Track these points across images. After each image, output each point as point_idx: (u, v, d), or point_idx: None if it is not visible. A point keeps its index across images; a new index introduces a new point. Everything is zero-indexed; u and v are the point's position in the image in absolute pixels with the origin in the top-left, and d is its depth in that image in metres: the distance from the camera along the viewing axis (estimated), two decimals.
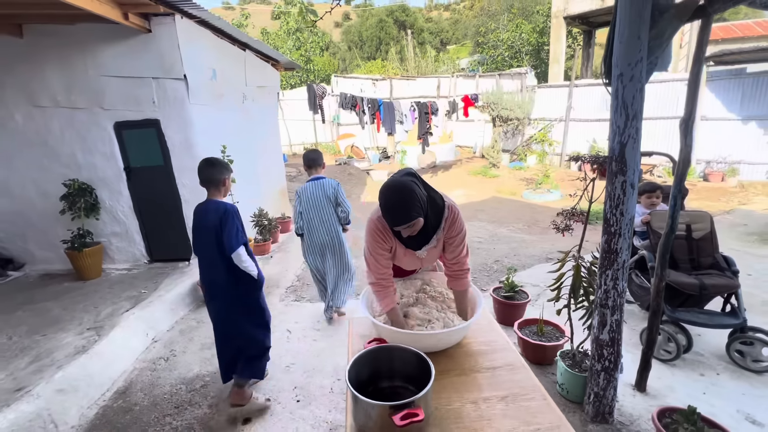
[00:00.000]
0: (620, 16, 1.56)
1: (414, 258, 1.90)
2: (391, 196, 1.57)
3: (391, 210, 1.57)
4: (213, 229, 2.25)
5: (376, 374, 1.54)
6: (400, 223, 1.56)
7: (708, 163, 8.72)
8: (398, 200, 1.55)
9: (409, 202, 1.55)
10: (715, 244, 2.79)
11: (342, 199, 3.33)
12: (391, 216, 1.57)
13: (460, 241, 1.81)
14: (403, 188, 1.56)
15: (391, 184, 1.59)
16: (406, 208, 1.54)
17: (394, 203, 1.56)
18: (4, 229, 4.52)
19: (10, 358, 2.79)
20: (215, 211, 2.28)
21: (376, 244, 1.77)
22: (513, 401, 1.51)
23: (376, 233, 1.76)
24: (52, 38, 3.90)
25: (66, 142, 4.21)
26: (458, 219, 1.78)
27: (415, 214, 1.56)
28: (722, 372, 2.51)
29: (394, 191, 1.56)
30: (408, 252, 1.86)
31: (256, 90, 5.86)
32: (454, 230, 1.78)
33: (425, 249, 1.82)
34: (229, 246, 2.23)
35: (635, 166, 1.68)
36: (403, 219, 1.55)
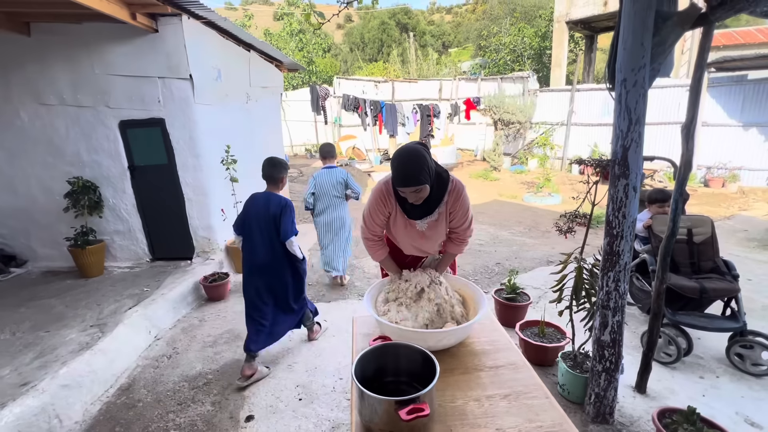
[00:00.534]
0: (624, 24, 1.59)
1: (414, 232, 1.97)
2: (403, 158, 1.67)
3: (402, 170, 1.67)
4: (273, 217, 2.64)
5: (382, 371, 1.56)
6: (409, 184, 1.66)
7: (709, 169, 8.76)
8: (410, 162, 1.65)
9: (419, 165, 1.65)
10: (715, 249, 2.82)
11: (351, 183, 4.04)
12: (401, 176, 1.67)
13: (463, 214, 1.91)
14: (416, 153, 1.67)
15: (405, 148, 1.71)
16: (416, 171, 1.65)
17: (405, 165, 1.66)
18: (8, 225, 4.54)
19: (14, 353, 2.81)
20: (277, 204, 2.67)
21: (376, 206, 1.91)
22: (516, 399, 1.53)
23: (379, 196, 1.89)
24: (59, 37, 3.93)
25: (71, 140, 4.24)
26: (462, 194, 1.88)
27: (423, 179, 1.66)
28: (722, 375, 2.53)
29: (407, 154, 1.67)
30: (408, 224, 1.94)
31: (260, 90, 5.89)
32: (457, 205, 1.88)
33: (426, 220, 1.91)
34: (285, 233, 2.65)
35: (638, 170, 1.71)
36: (413, 180, 1.65)
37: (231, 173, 4.49)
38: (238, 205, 4.69)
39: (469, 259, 4.97)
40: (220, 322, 3.62)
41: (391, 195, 1.88)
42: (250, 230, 2.71)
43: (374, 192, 1.93)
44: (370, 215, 1.96)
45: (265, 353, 3.13)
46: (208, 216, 4.50)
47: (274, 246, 2.68)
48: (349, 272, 4.74)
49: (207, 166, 4.38)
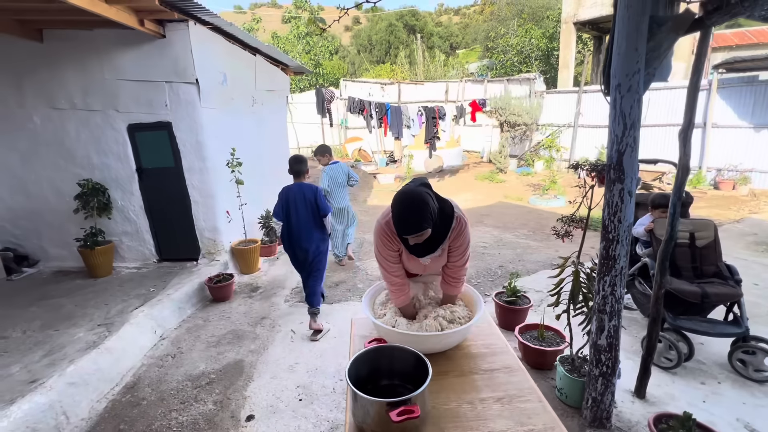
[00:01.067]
0: (618, 29, 1.59)
1: (418, 264, 1.95)
2: (404, 205, 1.61)
3: (402, 219, 1.61)
4: (310, 201, 3.30)
5: (376, 373, 1.58)
6: (410, 233, 1.60)
7: (719, 171, 8.62)
8: (411, 210, 1.59)
9: (421, 213, 1.59)
10: (718, 253, 2.79)
11: (352, 174, 4.84)
12: (402, 225, 1.61)
13: (462, 251, 1.86)
14: (418, 199, 1.60)
15: (406, 193, 1.63)
16: (417, 219, 1.58)
17: (406, 213, 1.60)
18: (21, 226, 4.66)
19: (24, 351, 2.89)
20: (310, 190, 3.32)
21: (384, 247, 1.85)
22: (509, 402, 1.54)
23: (383, 236, 1.83)
24: (71, 43, 4.04)
25: (81, 143, 4.35)
26: (464, 231, 1.82)
27: (425, 225, 1.60)
28: (723, 381, 2.50)
29: (408, 201, 1.61)
30: (411, 258, 1.90)
31: (266, 94, 5.97)
32: (458, 241, 1.83)
33: (429, 257, 1.86)
34: (324, 209, 3.35)
35: (633, 174, 1.71)
36: (414, 229, 1.59)
37: (236, 175, 4.56)
38: (243, 207, 4.76)
39: (472, 262, 4.97)
40: (224, 323, 3.68)
41: (394, 233, 1.80)
42: (289, 213, 3.31)
43: (378, 235, 1.86)
44: (383, 258, 1.88)
45: (268, 355, 3.18)
46: (213, 218, 4.57)
47: (311, 225, 3.34)
48: (352, 274, 4.77)
49: (213, 169, 4.45)
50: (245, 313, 3.86)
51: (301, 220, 3.29)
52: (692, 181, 8.65)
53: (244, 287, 4.48)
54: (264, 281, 4.65)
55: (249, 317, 3.78)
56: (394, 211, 1.64)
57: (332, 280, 4.60)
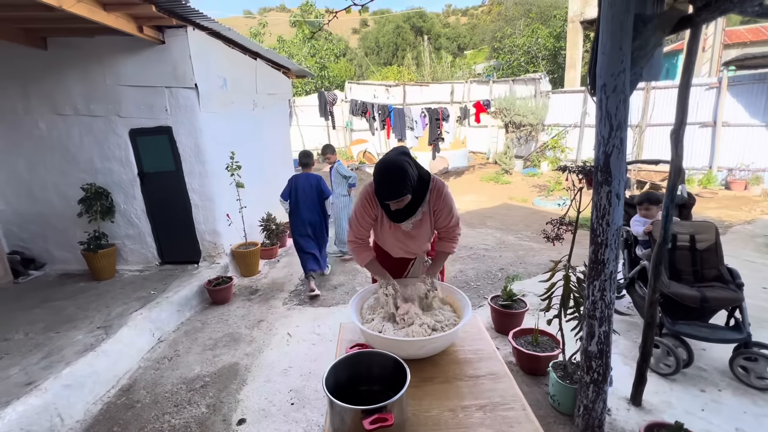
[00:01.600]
0: (602, 28, 1.56)
1: (400, 233, 2.01)
2: (384, 173, 1.72)
3: (383, 186, 1.72)
4: (314, 186, 4.28)
5: (356, 379, 1.57)
6: (390, 198, 1.72)
7: (730, 171, 8.40)
8: (390, 177, 1.71)
9: (400, 179, 1.70)
10: (719, 256, 2.71)
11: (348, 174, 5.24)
12: (382, 191, 1.73)
13: (447, 212, 1.95)
14: (397, 166, 1.71)
15: (386, 162, 1.74)
16: (397, 185, 1.69)
17: (386, 179, 1.71)
18: (28, 230, 4.77)
19: (24, 353, 2.95)
20: (315, 178, 4.31)
21: (363, 209, 1.96)
22: (492, 410, 1.51)
23: (365, 199, 1.94)
24: (74, 50, 4.13)
25: (85, 148, 4.43)
26: (444, 192, 1.92)
27: (405, 191, 1.71)
28: (724, 388, 2.42)
29: (388, 169, 1.72)
30: (394, 226, 1.98)
31: (267, 97, 6.01)
32: (440, 203, 1.93)
33: (410, 221, 1.95)
34: (327, 193, 4.34)
35: (620, 176, 1.67)
36: (394, 194, 1.70)
37: (236, 179, 4.59)
38: (243, 210, 4.79)
39: (472, 264, 4.92)
40: (221, 326, 3.70)
41: (376, 198, 1.91)
42: (297, 196, 4.25)
43: (360, 195, 1.97)
44: (356, 218, 2.00)
45: (263, 358, 3.18)
46: (214, 221, 4.61)
47: (315, 204, 4.30)
48: (351, 277, 4.77)
49: (213, 173, 4.49)
50: (243, 316, 3.88)
51: (307, 199, 4.25)
52: (702, 182, 8.46)
53: (244, 290, 4.51)
54: (263, 284, 4.67)
55: (246, 320, 3.80)
56: (376, 178, 1.75)
57: (331, 283, 4.60)
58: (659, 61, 1.77)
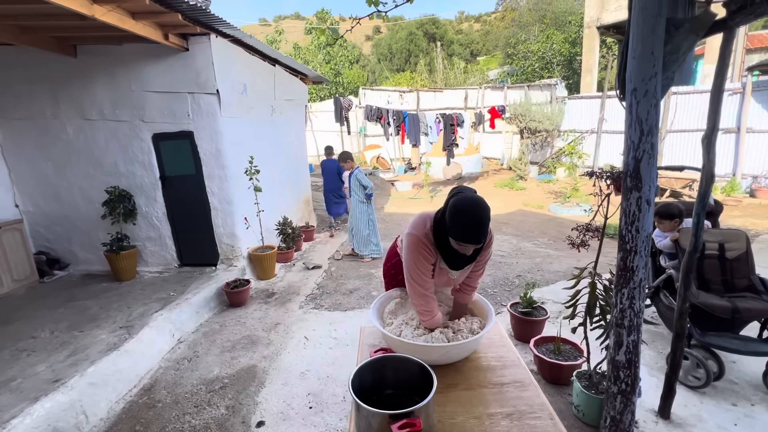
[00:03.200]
0: (633, 32, 1.54)
1: (444, 279, 1.89)
2: (473, 213, 1.55)
3: (470, 227, 1.55)
4: (336, 168, 6.56)
5: (381, 383, 1.56)
6: (476, 242, 1.56)
7: (755, 179, 8.17)
8: (480, 219, 1.55)
9: (487, 223, 1.57)
10: (750, 265, 2.62)
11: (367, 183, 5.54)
12: (469, 234, 1.55)
13: (485, 262, 1.87)
14: (485, 208, 1.57)
15: (474, 202, 1.58)
16: (484, 229, 1.56)
17: (476, 221, 1.55)
18: (54, 231, 4.91)
19: (51, 351, 3.02)
20: (335, 162, 6.53)
21: (423, 261, 1.74)
22: (518, 419, 1.49)
23: (422, 249, 1.73)
24: (102, 57, 4.26)
25: (109, 152, 4.55)
26: (491, 242, 1.83)
27: (486, 235, 1.59)
28: (758, 403, 2.33)
29: (477, 209, 1.56)
30: (441, 272, 1.85)
31: (285, 103, 6.10)
32: (485, 253, 1.83)
33: (461, 271, 1.83)
34: (341, 171, 6.46)
35: (651, 182, 1.64)
36: (480, 238, 1.55)
37: (255, 183, 4.66)
38: (261, 213, 4.85)
39: (489, 271, 4.87)
40: (239, 328, 3.74)
41: (432, 243, 1.74)
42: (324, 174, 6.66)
43: (414, 246, 1.74)
44: (418, 272, 1.75)
45: (281, 361, 3.20)
46: (232, 224, 4.68)
47: (335, 178, 6.62)
48: (366, 282, 4.77)
49: (232, 177, 4.56)
50: (260, 319, 3.91)
51: (329, 176, 6.62)
52: (726, 189, 8.23)
53: (260, 293, 4.55)
54: (280, 287, 4.70)
55: (264, 323, 3.83)
56: (462, 217, 1.56)
57: (346, 287, 4.60)
58: (690, 66, 1.74)
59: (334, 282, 4.80)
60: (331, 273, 5.12)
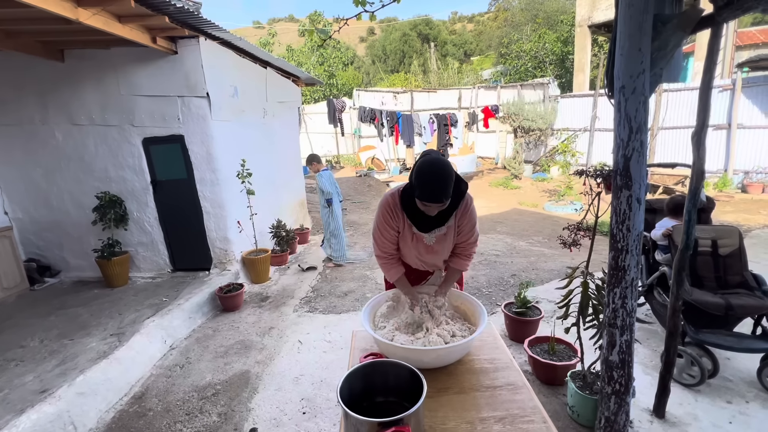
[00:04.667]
0: (620, 29, 1.52)
1: (421, 246, 1.91)
2: (434, 172, 1.57)
3: (430, 185, 1.57)
4: None
5: (371, 389, 1.53)
6: (435, 200, 1.58)
7: (746, 174, 8.22)
8: (441, 177, 1.57)
9: (449, 179, 1.59)
10: (744, 262, 2.62)
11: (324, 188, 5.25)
12: (430, 191, 1.57)
13: (471, 227, 1.87)
14: (446, 166, 1.60)
15: (432, 161, 1.60)
16: (445, 185, 1.57)
17: (435, 179, 1.57)
18: (45, 238, 4.84)
19: (39, 360, 2.97)
20: None
21: (385, 222, 1.84)
22: (511, 423, 1.47)
23: (387, 210, 1.82)
24: (90, 61, 4.21)
25: (99, 157, 4.50)
26: (471, 207, 1.84)
27: (449, 194, 1.59)
28: (752, 400, 2.32)
29: (437, 167, 1.58)
30: (416, 238, 1.88)
31: (277, 105, 6.06)
32: (465, 218, 1.84)
33: (434, 234, 1.86)
34: None
35: (641, 180, 1.62)
36: (440, 196, 1.57)
37: (247, 186, 4.62)
38: (254, 217, 4.81)
39: (483, 271, 4.86)
40: (232, 333, 3.69)
41: (398, 208, 1.81)
42: None
43: (381, 207, 1.85)
44: (380, 232, 1.87)
45: (275, 366, 3.16)
46: (225, 228, 4.64)
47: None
48: (361, 284, 4.74)
49: (224, 180, 4.52)
50: (254, 323, 3.87)
51: None
52: (717, 185, 8.28)
53: (254, 297, 4.51)
54: (274, 291, 4.66)
55: (257, 327, 3.79)
56: (423, 176, 1.59)
57: (341, 290, 4.57)
58: (679, 62, 1.73)
59: (328, 284, 4.77)
60: (325, 275, 5.09)
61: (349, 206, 9.13)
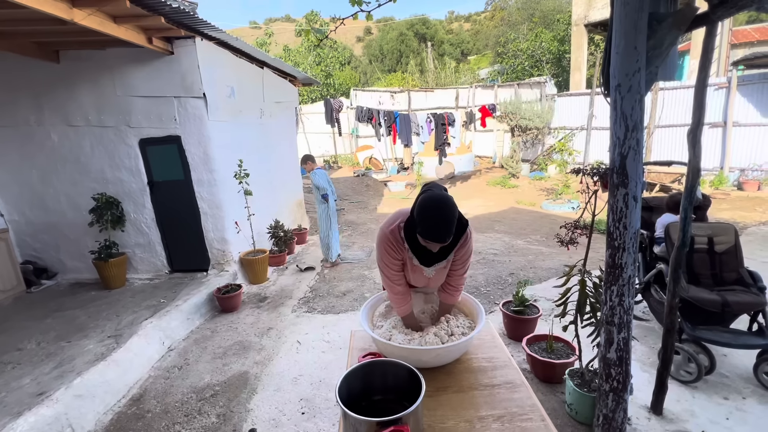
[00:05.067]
0: (616, 27, 1.53)
1: (420, 277, 1.89)
2: (438, 212, 1.53)
3: (435, 226, 1.53)
4: None
5: (370, 389, 1.53)
6: (440, 241, 1.53)
7: (742, 172, 8.27)
8: (444, 217, 1.53)
9: (453, 220, 1.54)
10: (739, 259, 2.63)
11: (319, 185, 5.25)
12: (431, 231, 1.53)
13: (465, 260, 1.83)
14: (450, 206, 1.55)
15: (441, 199, 1.56)
16: (449, 226, 1.53)
17: (441, 219, 1.53)
18: (41, 240, 4.82)
19: (36, 363, 2.95)
20: None
21: (388, 256, 1.78)
22: (509, 421, 1.47)
23: (388, 245, 1.76)
24: (85, 62, 4.19)
25: (96, 158, 4.48)
26: (469, 241, 1.80)
27: (452, 234, 1.55)
28: (749, 396, 2.34)
29: (442, 207, 1.54)
30: (416, 269, 1.85)
31: (274, 105, 6.05)
32: (462, 251, 1.80)
33: (434, 268, 1.82)
34: None
35: (637, 178, 1.63)
36: (444, 236, 1.53)
37: (244, 186, 4.61)
38: (252, 217, 4.80)
39: (481, 270, 4.87)
40: (231, 334, 3.69)
41: (399, 242, 1.76)
42: None
43: (383, 244, 1.78)
44: (387, 267, 1.81)
45: (273, 366, 3.16)
46: (222, 229, 4.62)
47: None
48: (359, 284, 4.74)
49: (221, 181, 4.51)
50: (252, 324, 3.87)
51: None
52: (714, 183, 8.33)
53: (253, 297, 4.50)
54: (272, 291, 4.66)
55: (256, 328, 3.78)
56: (426, 215, 1.55)
57: (339, 290, 4.57)
58: (674, 61, 1.74)
59: (326, 284, 4.76)
60: (324, 276, 5.09)
61: (347, 206, 9.12)
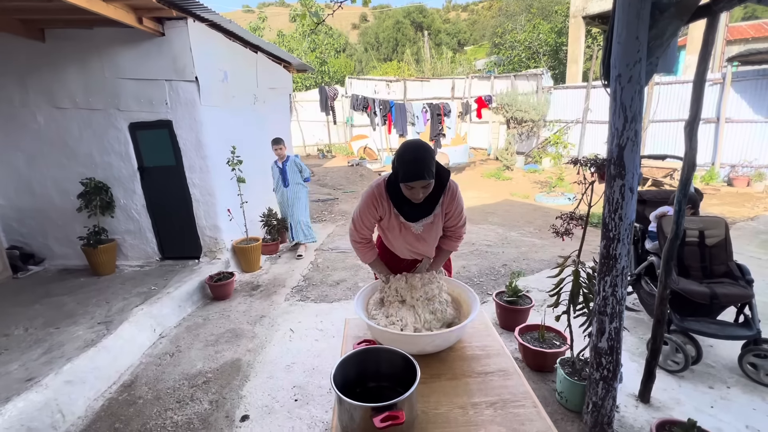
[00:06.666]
0: (618, 16, 1.51)
1: (410, 235, 1.94)
2: (414, 152, 1.63)
3: (413, 164, 1.61)
4: None
5: (365, 375, 1.54)
6: (422, 178, 1.61)
7: (733, 167, 8.38)
8: (421, 156, 1.62)
9: (430, 159, 1.62)
10: (729, 252, 2.68)
11: None
12: (412, 171, 1.61)
13: (458, 213, 1.92)
14: (425, 146, 1.66)
15: (413, 143, 1.69)
16: (428, 164, 1.61)
17: (416, 158, 1.61)
18: (28, 225, 4.71)
19: (24, 349, 2.91)
20: None
21: (367, 209, 1.88)
22: (502, 407, 1.49)
23: (371, 199, 1.86)
24: (72, 42, 4.05)
25: (84, 142, 4.37)
26: (457, 194, 1.89)
27: (432, 173, 1.63)
28: (733, 385, 2.40)
29: (417, 148, 1.65)
30: (404, 227, 1.91)
31: (268, 91, 5.95)
32: (453, 205, 1.89)
33: (422, 223, 1.89)
34: None
35: (634, 170, 1.63)
36: (426, 174, 1.60)
37: (237, 173, 4.54)
38: (245, 205, 4.75)
39: (475, 261, 4.89)
40: (223, 321, 3.67)
41: (385, 198, 1.83)
42: None
43: (366, 195, 1.89)
44: (360, 218, 1.92)
45: (266, 354, 3.16)
46: (215, 216, 4.57)
47: None
48: (353, 273, 4.73)
49: (214, 167, 4.44)
50: (245, 312, 3.85)
51: None
52: (704, 178, 8.43)
53: (245, 285, 4.48)
54: (265, 279, 4.64)
55: (248, 316, 3.77)
56: (403, 159, 1.64)
57: (333, 279, 4.57)
58: (674, 53, 1.73)
59: (320, 273, 4.76)
60: (317, 264, 5.07)
61: (340, 196, 9.07)
